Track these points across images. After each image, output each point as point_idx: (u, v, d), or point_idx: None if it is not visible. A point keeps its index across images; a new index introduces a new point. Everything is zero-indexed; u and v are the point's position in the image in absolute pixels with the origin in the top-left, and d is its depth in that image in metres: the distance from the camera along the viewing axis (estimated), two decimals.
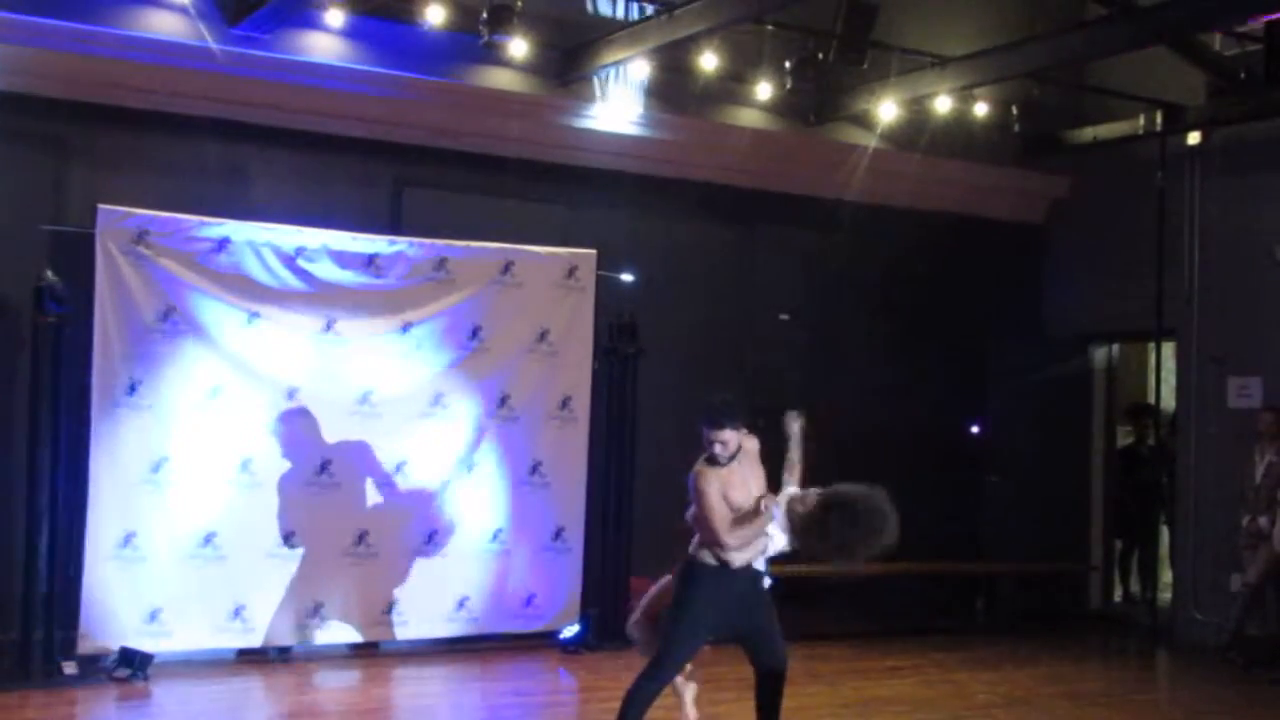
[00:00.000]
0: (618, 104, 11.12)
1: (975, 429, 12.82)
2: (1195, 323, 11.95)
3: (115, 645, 9.01)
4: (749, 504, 6.41)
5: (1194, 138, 11.88)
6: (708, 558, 6.54)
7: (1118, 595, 13.55)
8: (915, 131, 11.93)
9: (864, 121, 12.00)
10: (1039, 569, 12.51)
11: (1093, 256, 12.84)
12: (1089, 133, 12.33)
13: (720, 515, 6.40)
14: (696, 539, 6.61)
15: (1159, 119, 11.76)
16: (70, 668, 8.87)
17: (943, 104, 11.38)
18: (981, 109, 11.78)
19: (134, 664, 8.89)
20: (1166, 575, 12.88)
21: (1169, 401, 12.75)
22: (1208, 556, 11.70)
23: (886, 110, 11.49)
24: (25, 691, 8.50)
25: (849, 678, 7.34)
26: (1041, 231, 13.43)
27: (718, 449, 6.48)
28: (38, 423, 8.94)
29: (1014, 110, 11.88)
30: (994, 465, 12.68)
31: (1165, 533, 12.98)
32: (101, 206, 9.09)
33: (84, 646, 8.99)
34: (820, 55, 10.66)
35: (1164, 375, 12.44)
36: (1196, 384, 12.00)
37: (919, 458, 12.38)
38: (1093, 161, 12.72)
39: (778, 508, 6.52)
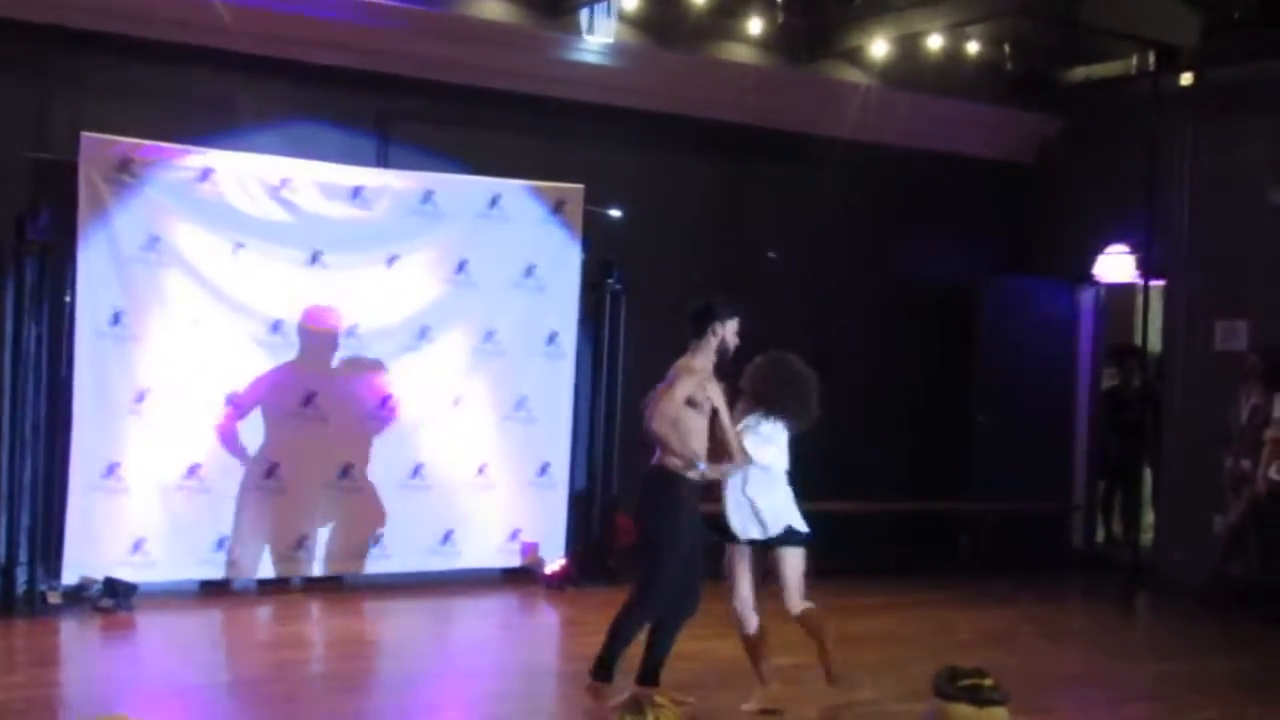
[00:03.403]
0: (607, 37, 11.00)
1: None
2: (1184, 265, 11.92)
3: (99, 575, 9.01)
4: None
5: (1187, 79, 11.79)
6: (679, 467, 6.50)
7: (1100, 536, 13.60)
8: (907, 69, 11.84)
9: (856, 59, 11.91)
10: (1022, 508, 12.54)
11: (1083, 197, 12.78)
12: (1081, 72, 12.24)
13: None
14: (660, 451, 6.61)
15: (1152, 59, 11.66)
16: (54, 598, 8.88)
17: (934, 41, 11.31)
18: (973, 47, 11.70)
19: (118, 594, 8.90)
20: (1149, 516, 12.93)
21: (1155, 344, 12.76)
22: (1190, 498, 11.74)
23: (878, 47, 11.41)
24: (9, 621, 8.52)
25: (829, 614, 7.41)
26: (1032, 171, 13.37)
27: (736, 341, 6.69)
28: (21, 352, 8.90)
29: (1006, 49, 11.80)
30: (982, 405, 12.68)
31: (1148, 474, 13.01)
32: (85, 134, 9.01)
33: (68, 577, 9.01)
34: None
35: (1150, 318, 12.42)
36: (1183, 326, 11.99)
37: (905, 396, 12.41)
38: (1085, 101, 12.62)
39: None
